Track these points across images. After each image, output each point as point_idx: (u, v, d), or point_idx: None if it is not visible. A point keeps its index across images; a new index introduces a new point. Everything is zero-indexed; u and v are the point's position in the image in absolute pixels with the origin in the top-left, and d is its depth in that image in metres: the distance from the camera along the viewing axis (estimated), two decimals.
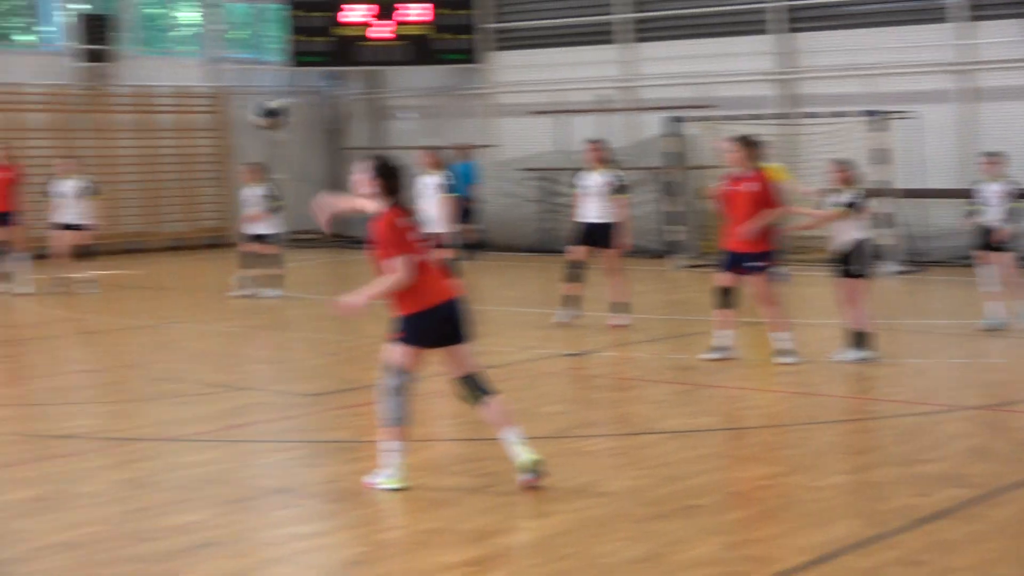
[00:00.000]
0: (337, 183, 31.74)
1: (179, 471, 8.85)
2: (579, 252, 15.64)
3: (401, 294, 8.14)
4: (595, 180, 15.55)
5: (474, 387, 8.34)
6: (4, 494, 8.22)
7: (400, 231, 8.15)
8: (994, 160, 15.09)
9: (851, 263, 12.74)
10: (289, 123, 12.74)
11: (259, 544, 7.31)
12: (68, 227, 19.97)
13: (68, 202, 20.03)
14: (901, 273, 20.89)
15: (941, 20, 23.71)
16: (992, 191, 14.88)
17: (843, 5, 25.17)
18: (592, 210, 15.55)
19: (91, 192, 20.28)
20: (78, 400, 11.76)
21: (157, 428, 10.40)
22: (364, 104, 31.77)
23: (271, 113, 12.41)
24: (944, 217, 21.88)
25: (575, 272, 15.59)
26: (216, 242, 28.90)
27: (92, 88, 27.60)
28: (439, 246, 16.43)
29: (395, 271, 8.07)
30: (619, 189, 15.57)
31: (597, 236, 15.49)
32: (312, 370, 13.41)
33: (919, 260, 21.97)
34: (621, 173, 15.88)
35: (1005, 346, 13.80)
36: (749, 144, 12.98)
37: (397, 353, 8.22)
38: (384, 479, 8.25)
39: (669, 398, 11.61)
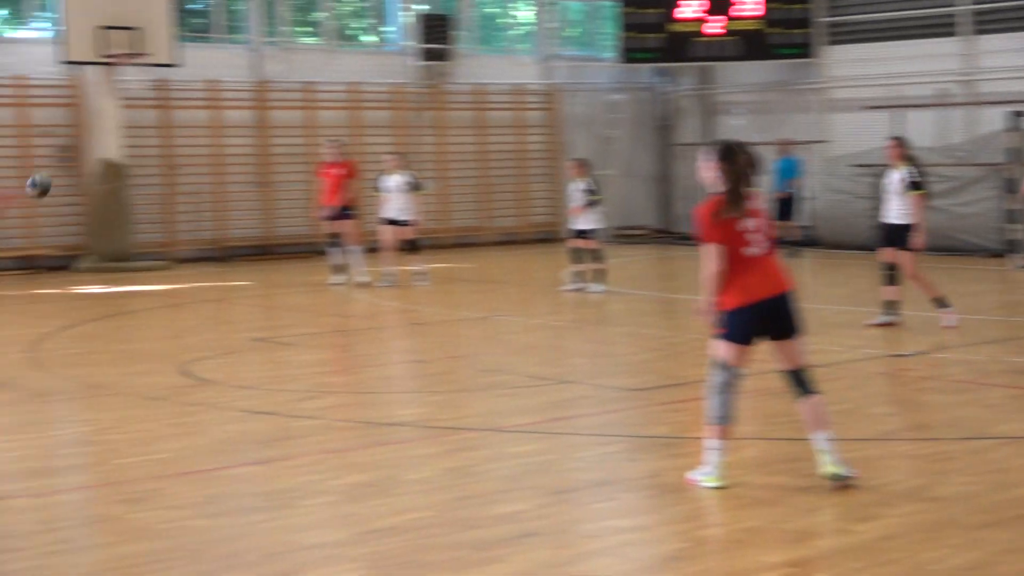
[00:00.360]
0: (665, 179, 31.84)
1: (503, 461, 9.00)
2: (885, 254, 15.22)
3: (724, 287, 8.03)
4: (893, 178, 15.09)
5: (797, 383, 8.20)
6: (337, 479, 8.50)
7: (720, 220, 8.01)
8: None
9: None
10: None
11: (579, 536, 7.35)
12: (392, 222, 20.50)
13: (393, 197, 20.56)
14: None
15: None
16: None
17: None
18: (892, 210, 15.07)
19: (415, 187, 20.76)
20: (407, 389, 12.10)
21: (483, 419, 10.60)
22: (694, 100, 31.67)
23: (37, 185, 12.70)
24: None
25: (886, 275, 15.18)
26: (546, 237, 29.35)
27: (430, 86, 28.38)
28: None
29: (706, 260, 7.99)
30: (913, 186, 14.97)
31: (895, 237, 15.02)
32: (635, 365, 13.44)
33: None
34: (917, 170, 15.26)
35: None
36: None
37: (721, 349, 8.15)
38: (703, 476, 8.21)
39: (1004, 402, 11.17)
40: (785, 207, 26.03)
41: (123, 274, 22.44)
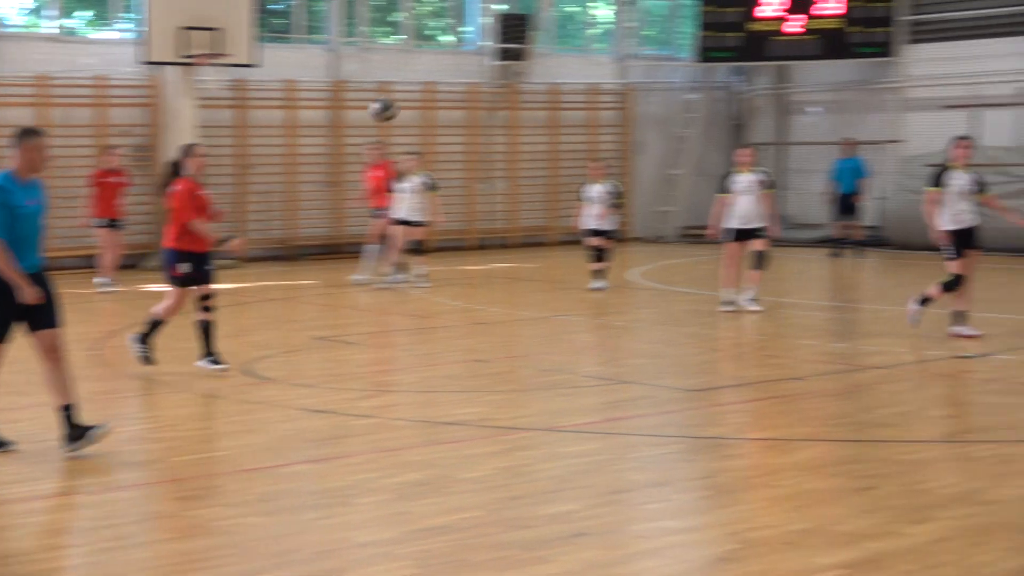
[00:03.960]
0: None
1: (557, 461, 8.99)
2: (953, 265, 14.55)
3: None
4: (964, 180, 14.63)
5: None
6: (390, 477, 8.54)
7: None
8: None
9: None
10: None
11: (630, 536, 7.36)
12: (405, 222, 20.23)
13: (408, 197, 20.23)
14: None
15: None
16: None
17: None
18: (963, 213, 14.47)
19: (431, 188, 20.66)
20: (466, 388, 12.10)
21: (539, 418, 10.58)
22: (769, 99, 31.50)
23: (384, 108, 12.79)
24: None
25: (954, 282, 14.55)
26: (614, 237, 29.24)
27: (505, 86, 28.43)
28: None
29: None
30: (982, 188, 14.53)
31: (965, 240, 14.49)
32: (696, 366, 13.39)
33: None
34: (979, 173, 14.84)
35: None
36: None
37: None
38: None
39: None
40: (849, 207, 25.84)
41: None
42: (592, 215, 19.84)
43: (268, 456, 9.27)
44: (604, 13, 31.14)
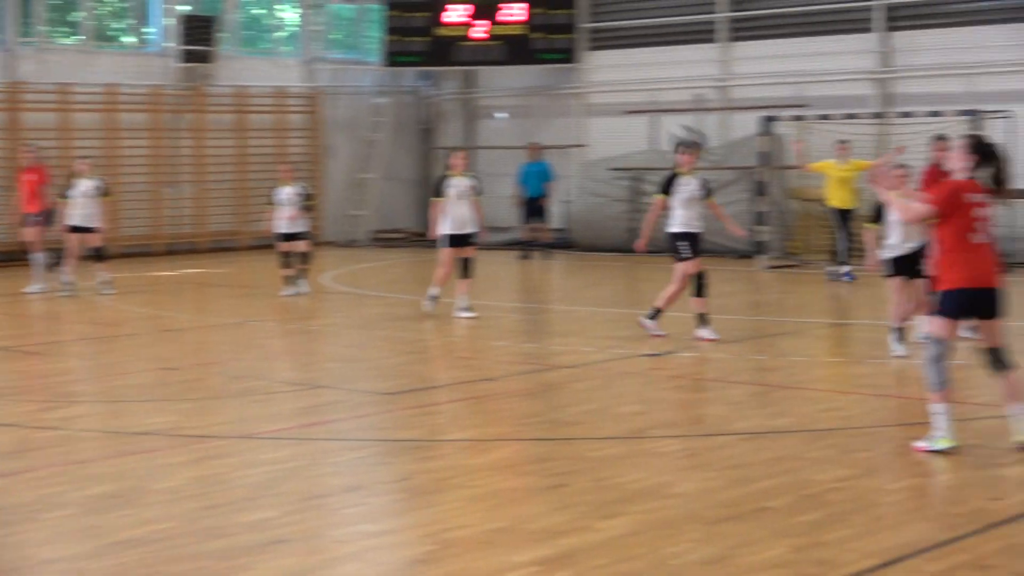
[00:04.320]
0: (426, 182, 31.95)
1: (253, 468, 8.89)
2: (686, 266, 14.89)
3: (944, 269, 9.02)
4: (687, 186, 14.69)
5: (996, 360, 9.13)
6: (79, 490, 8.29)
7: (960, 202, 8.99)
8: None
9: None
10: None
11: (329, 541, 7.31)
12: (77, 229, 19.79)
13: (80, 203, 19.79)
14: None
15: None
16: None
17: (940, 4, 24.86)
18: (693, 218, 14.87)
19: (104, 193, 20.14)
20: (156, 397, 11.83)
21: (233, 426, 10.46)
22: (457, 104, 31.86)
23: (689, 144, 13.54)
24: None
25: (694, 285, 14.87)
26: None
27: (190, 88, 27.93)
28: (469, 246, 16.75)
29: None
30: (708, 193, 14.96)
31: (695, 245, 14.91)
32: (388, 369, 13.38)
33: (1011, 262, 21.54)
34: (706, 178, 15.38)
35: None
36: None
37: (935, 324, 9.09)
38: (934, 441, 9.06)
39: (746, 399, 11.53)
40: (536, 210, 26.39)
41: None
42: (283, 218, 19.67)
43: None
44: (291, 16, 30.94)
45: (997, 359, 9.14)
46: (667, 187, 14.73)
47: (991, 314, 9.08)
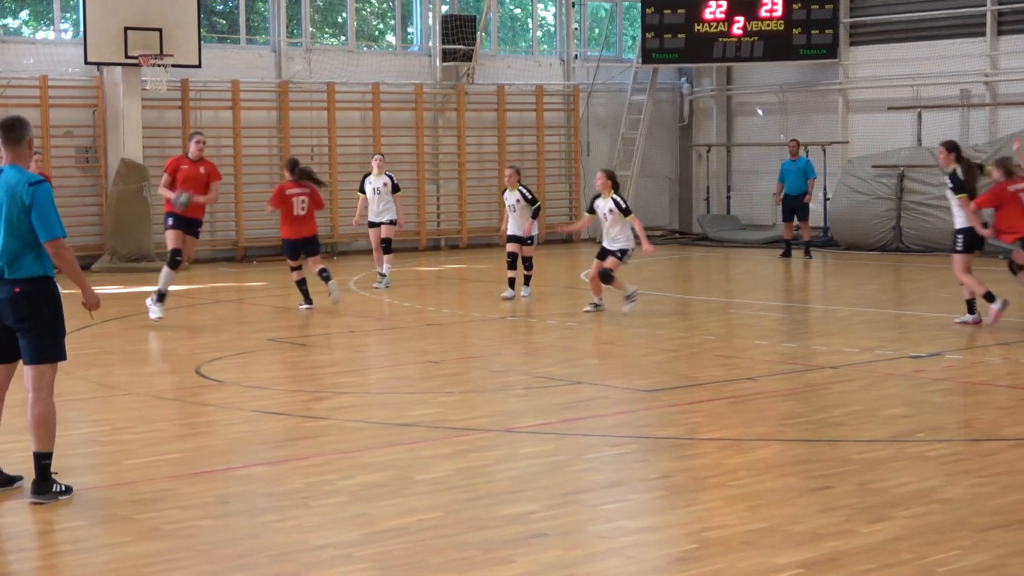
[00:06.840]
0: (684, 180, 31.85)
1: (514, 462, 8.99)
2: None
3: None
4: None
5: None
6: (347, 479, 8.50)
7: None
8: None
9: None
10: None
11: (589, 537, 7.34)
12: (373, 224, 20.32)
13: (372, 200, 20.27)
14: None
15: None
16: None
17: None
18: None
19: (393, 189, 20.34)
20: (420, 390, 12.03)
21: (495, 419, 10.56)
22: (714, 100, 31.64)
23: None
24: None
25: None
26: (565, 239, 29.26)
27: (451, 87, 28.40)
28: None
29: None
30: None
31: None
32: (649, 366, 13.34)
33: None
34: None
35: None
36: None
37: None
38: None
39: (1017, 404, 11.20)
40: (797, 208, 25.94)
41: (140, 274, 22.47)
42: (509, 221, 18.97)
43: (222, 459, 9.24)
44: (548, 15, 31.15)
45: None
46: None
47: None
